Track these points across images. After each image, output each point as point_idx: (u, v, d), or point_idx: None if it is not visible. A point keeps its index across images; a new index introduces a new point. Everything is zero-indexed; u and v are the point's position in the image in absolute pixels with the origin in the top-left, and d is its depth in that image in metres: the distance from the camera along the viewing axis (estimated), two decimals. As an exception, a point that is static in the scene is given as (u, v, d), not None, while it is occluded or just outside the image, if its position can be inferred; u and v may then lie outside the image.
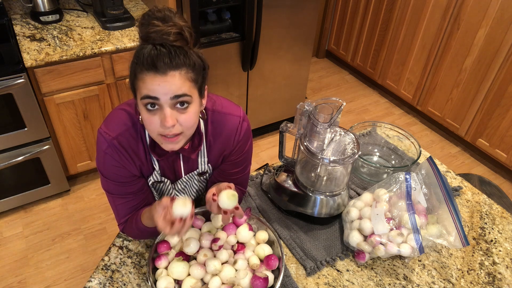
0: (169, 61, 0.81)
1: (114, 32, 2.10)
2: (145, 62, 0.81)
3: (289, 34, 2.47)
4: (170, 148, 0.91)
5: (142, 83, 0.83)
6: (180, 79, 0.83)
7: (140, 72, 0.82)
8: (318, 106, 1.09)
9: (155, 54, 0.80)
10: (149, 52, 0.81)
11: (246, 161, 1.14)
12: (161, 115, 0.85)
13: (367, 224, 1.11)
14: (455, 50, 2.70)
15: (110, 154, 0.97)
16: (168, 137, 0.88)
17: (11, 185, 2.16)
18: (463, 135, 2.84)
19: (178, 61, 0.82)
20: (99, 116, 2.19)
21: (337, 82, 3.66)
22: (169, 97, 0.83)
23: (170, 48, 0.82)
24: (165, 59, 0.80)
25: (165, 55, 0.81)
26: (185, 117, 0.87)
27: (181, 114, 0.86)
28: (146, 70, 0.81)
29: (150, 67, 0.81)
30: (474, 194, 1.40)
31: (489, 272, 1.15)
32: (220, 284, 0.95)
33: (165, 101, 0.83)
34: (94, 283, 1.04)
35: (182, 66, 0.83)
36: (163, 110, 0.84)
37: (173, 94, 0.83)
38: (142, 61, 0.81)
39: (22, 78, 1.84)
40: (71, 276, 2.00)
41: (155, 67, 0.80)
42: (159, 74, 0.81)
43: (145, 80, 0.82)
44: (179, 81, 0.82)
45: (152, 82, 0.81)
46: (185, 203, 0.86)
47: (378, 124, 1.54)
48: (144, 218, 1.01)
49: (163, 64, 0.80)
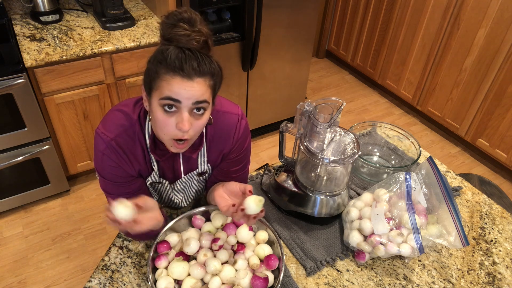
0: (197, 67, 0.82)
1: (114, 32, 2.10)
2: (172, 64, 0.81)
3: (289, 34, 2.47)
4: (177, 151, 0.94)
5: (166, 84, 0.83)
6: (204, 86, 0.84)
7: (165, 73, 0.82)
8: (318, 106, 1.09)
9: (183, 58, 0.81)
10: (176, 54, 0.81)
11: (245, 159, 1.14)
12: (178, 118, 0.85)
13: (367, 224, 1.11)
14: (455, 50, 2.70)
15: (107, 154, 0.97)
16: (179, 142, 0.90)
17: (11, 185, 2.16)
18: (463, 135, 2.84)
19: (204, 68, 0.83)
20: (99, 116, 2.19)
21: (337, 82, 3.66)
22: (191, 102, 0.84)
23: (197, 54, 0.83)
24: (194, 64, 0.82)
25: (193, 60, 0.82)
26: (198, 123, 0.88)
27: (196, 120, 0.88)
28: (173, 72, 0.82)
29: (177, 70, 0.81)
30: (474, 194, 1.40)
31: (489, 272, 1.15)
32: (220, 284, 0.95)
33: (186, 105, 0.84)
34: (94, 283, 1.04)
35: (207, 74, 0.84)
36: (181, 113, 0.85)
37: (195, 100, 0.84)
38: (168, 62, 0.82)
39: (22, 78, 1.84)
40: (71, 276, 2.00)
41: (182, 70, 0.81)
42: (186, 78, 0.82)
43: (170, 82, 0.82)
44: (202, 88, 0.84)
45: (178, 85, 0.82)
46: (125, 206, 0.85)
47: (378, 124, 1.54)
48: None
49: (191, 69, 0.81)
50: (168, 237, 1.05)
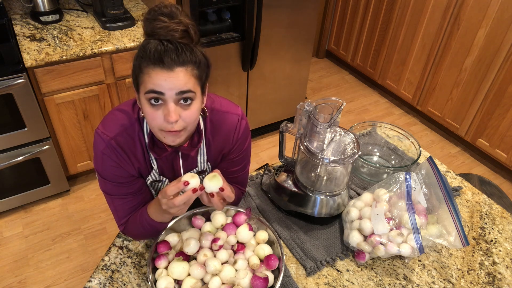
0: (176, 57, 0.82)
1: (114, 32, 2.10)
2: (152, 57, 0.82)
3: (289, 34, 2.47)
4: (171, 141, 0.92)
5: (148, 77, 0.83)
6: (186, 75, 0.84)
7: (146, 67, 0.83)
8: (318, 106, 1.09)
9: (162, 50, 0.81)
10: (155, 47, 0.82)
11: (245, 160, 1.14)
12: (165, 110, 0.86)
13: (367, 224, 1.11)
14: (455, 50, 2.70)
15: (107, 154, 0.97)
16: (170, 132, 0.89)
17: (11, 185, 2.16)
18: (463, 135, 2.84)
19: (184, 58, 0.83)
20: (99, 116, 2.19)
21: (337, 82, 3.66)
22: (174, 92, 0.84)
23: (177, 45, 0.83)
24: (172, 55, 0.81)
25: (172, 51, 0.82)
26: (187, 113, 0.88)
27: (184, 110, 0.87)
28: (153, 65, 0.82)
29: (157, 62, 0.81)
30: (474, 194, 1.40)
31: (489, 272, 1.15)
32: (220, 284, 0.95)
33: (170, 96, 0.84)
34: (94, 283, 1.04)
35: (188, 63, 0.84)
36: (167, 105, 0.85)
37: (178, 90, 0.84)
38: (148, 55, 0.82)
39: (22, 78, 1.84)
40: (71, 276, 2.00)
41: (162, 62, 0.81)
42: (166, 69, 0.82)
43: (151, 74, 0.83)
44: (184, 77, 0.84)
45: (159, 77, 0.82)
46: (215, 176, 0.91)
47: (378, 124, 1.54)
48: (151, 210, 1.01)
49: (170, 59, 0.81)
50: (168, 237, 1.05)
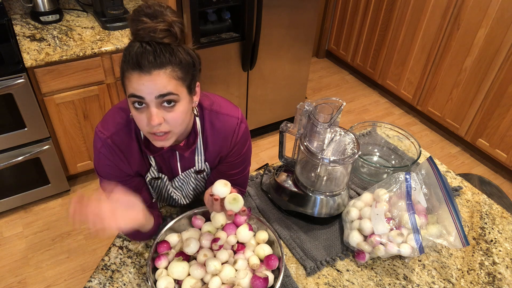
0: (153, 60, 0.80)
1: (114, 32, 2.10)
2: (131, 61, 0.80)
3: (289, 34, 2.47)
4: (161, 145, 0.92)
5: (128, 82, 0.83)
6: (165, 78, 0.82)
7: (126, 71, 0.82)
8: (318, 106, 1.09)
9: (140, 53, 0.80)
10: (135, 50, 0.80)
11: (244, 163, 1.14)
12: (148, 114, 0.85)
13: (367, 224, 1.11)
14: (455, 50, 2.70)
15: (103, 153, 0.97)
16: (157, 135, 0.88)
17: (11, 185, 2.16)
18: (463, 135, 2.84)
19: (163, 60, 0.81)
20: (99, 116, 2.19)
21: (337, 82, 3.66)
22: (154, 96, 0.82)
23: (156, 46, 0.80)
24: (150, 58, 0.79)
25: (150, 53, 0.80)
26: (172, 116, 0.86)
27: (168, 113, 0.86)
28: (132, 69, 0.81)
29: (135, 66, 0.80)
30: (474, 194, 1.40)
31: (489, 272, 1.15)
32: (220, 284, 0.95)
33: (150, 100, 0.83)
34: (94, 283, 1.04)
35: (167, 65, 0.81)
36: (149, 108, 0.84)
37: (157, 93, 0.82)
38: (128, 59, 0.81)
39: (22, 78, 1.84)
40: (71, 276, 2.00)
41: (139, 66, 0.80)
42: (143, 73, 0.80)
43: (130, 79, 0.82)
44: (163, 80, 0.82)
45: (137, 81, 0.81)
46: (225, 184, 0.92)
47: (378, 124, 1.54)
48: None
49: (147, 62, 0.80)
50: (168, 237, 1.05)
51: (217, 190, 0.91)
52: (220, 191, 0.91)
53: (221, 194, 0.91)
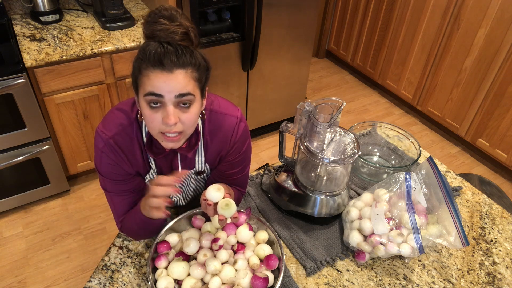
0: (175, 59, 0.81)
1: (114, 32, 2.10)
2: (152, 59, 0.81)
3: (289, 34, 2.47)
4: (171, 147, 0.93)
5: (147, 80, 0.83)
6: (186, 78, 0.83)
7: (145, 69, 0.83)
8: (318, 106, 1.09)
9: (162, 52, 0.81)
10: (155, 49, 0.81)
11: (244, 162, 1.14)
12: (164, 113, 0.85)
13: (367, 224, 1.11)
14: (455, 50, 2.70)
15: (106, 153, 0.98)
16: (169, 135, 0.89)
17: (11, 185, 2.16)
18: (463, 135, 2.84)
19: (184, 60, 0.82)
20: (99, 116, 2.19)
21: (337, 82, 3.66)
22: (173, 95, 0.83)
23: (177, 47, 0.82)
24: (172, 57, 0.81)
25: (172, 53, 0.81)
26: (187, 116, 0.88)
27: (183, 113, 0.87)
28: (152, 67, 0.82)
29: (156, 64, 0.81)
30: (474, 194, 1.40)
31: (489, 272, 1.15)
32: (220, 284, 0.95)
33: (169, 99, 0.84)
34: (94, 283, 1.04)
35: (188, 65, 0.83)
36: (166, 107, 0.85)
37: (178, 93, 0.83)
38: (148, 57, 0.82)
39: (22, 78, 1.84)
40: (71, 276, 2.00)
41: (161, 64, 0.81)
42: (166, 71, 0.81)
43: (150, 76, 0.82)
44: (184, 80, 0.83)
45: (158, 79, 0.82)
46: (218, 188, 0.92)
47: (378, 124, 1.54)
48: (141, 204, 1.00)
49: (170, 62, 0.81)
50: (168, 237, 1.05)
51: (210, 195, 0.92)
52: (213, 196, 0.92)
53: (214, 199, 0.92)
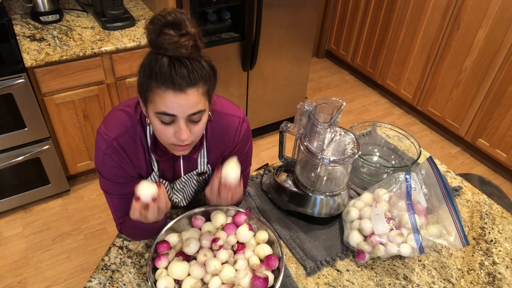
0: (187, 77, 0.79)
1: (114, 32, 2.10)
2: (162, 79, 0.79)
3: (289, 34, 2.47)
4: (180, 153, 0.95)
5: (159, 99, 0.81)
6: (197, 95, 0.83)
7: (156, 87, 0.80)
8: (318, 106, 1.09)
9: (173, 70, 0.78)
10: (166, 67, 0.78)
11: (246, 162, 1.14)
12: (176, 128, 0.86)
13: (367, 224, 1.11)
14: (455, 50, 2.70)
15: (109, 154, 0.97)
16: (180, 146, 0.90)
17: (11, 185, 2.16)
18: (463, 135, 2.84)
19: (195, 76, 0.80)
20: (99, 116, 2.19)
21: (337, 82, 3.66)
22: (186, 114, 0.84)
23: (187, 63, 0.79)
24: (184, 76, 0.79)
25: (184, 71, 0.79)
26: (197, 128, 0.89)
27: (194, 126, 0.88)
28: (164, 86, 0.79)
29: (168, 84, 0.79)
30: (474, 194, 1.40)
31: (489, 272, 1.15)
32: (220, 284, 0.95)
33: (182, 117, 0.84)
34: (94, 283, 1.04)
35: (198, 81, 0.82)
36: (178, 123, 0.85)
37: (190, 112, 0.84)
38: (158, 76, 0.79)
39: (22, 78, 1.84)
40: (71, 276, 2.00)
41: (173, 84, 0.79)
42: (178, 91, 0.80)
43: (162, 96, 0.81)
44: (196, 98, 0.83)
45: (171, 100, 0.80)
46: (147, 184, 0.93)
47: (378, 124, 1.54)
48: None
49: (182, 81, 0.79)
50: (168, 237, 1.05)
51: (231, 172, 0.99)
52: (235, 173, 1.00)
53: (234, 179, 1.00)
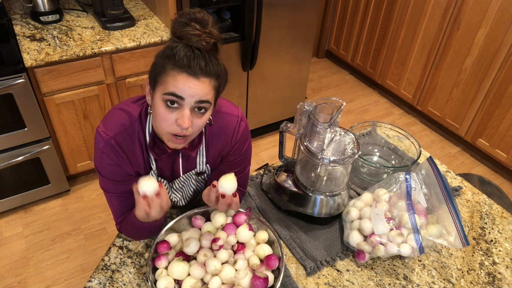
0: (204, 66, 0.84)
1: (114, 32, 2.10)
2: (180, 61, 0.83)
3: (289, 34, 2.47)
4: (175, 147, 0.95)
5: (172, 80, 0.84)
6: (209, 86, 0.86)
7: (172, 69, 0.84)
8: (318, 106, 1.09)
9: (192, 56, 0.83)
10: (185, 52, 0.83)
11: (244, 162, 1.14)
12: (179, 114, 0.87)
13: (367, 224, 1.11)
14: (455, 50, 2.70)
15: (107, 153, 0.97)
16: (177, 137, 0.91)
17: (11, 185, 2.16)
18: (463, 135, 2.84)
19: (211, 69, 0.85)
20: (99, 116, 2.19)
21: (337, 82, 3.66)
22: (194, 100, 0.86)
23: (206, 55, 0.85)
24: (201, 64, 0.84)
25: (201, 60, 0.84)
26: (198, 122, 0.90)
27: (196, 118, 0.89)
28: (179, 68, 0.83)
29: (184, 67, 0.83)
30: (474, 194, 1.40)
31: (489, 272, 1.15)
32: (220, 284, 0.95)
33: (188, 103, 0.86)
34: (94, 283, 1.04)
35: (212, 74, 0.86)
36: (183, 110, 0.87)
37: (199, 99, 0.86)
38: (177, 58, 0.83)
39: (22, 78, 1.84)
40: (71, 276, 2.00)
41: (189, 68, 0.83)
42: (192, 76, 0.84)
43: (176, 78, 0.84)
44: (207, 88, 0.86)
45: (184, 82, 0.84)
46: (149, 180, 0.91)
47: (378, 124, 1.54)
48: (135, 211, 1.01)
49: (198, 68, 0.84)
50: (168, 237, 1.05)
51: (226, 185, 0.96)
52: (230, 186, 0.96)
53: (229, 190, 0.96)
